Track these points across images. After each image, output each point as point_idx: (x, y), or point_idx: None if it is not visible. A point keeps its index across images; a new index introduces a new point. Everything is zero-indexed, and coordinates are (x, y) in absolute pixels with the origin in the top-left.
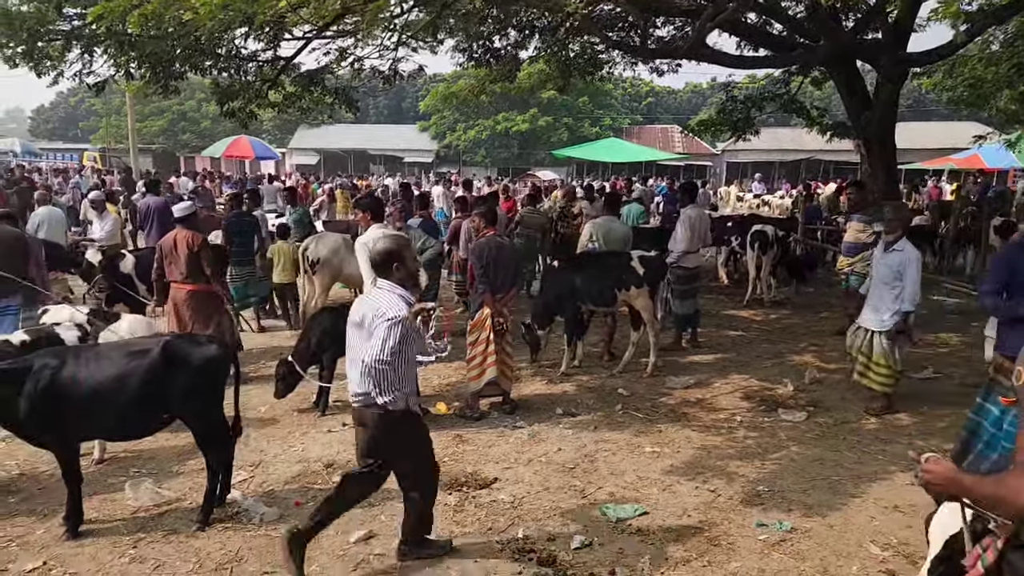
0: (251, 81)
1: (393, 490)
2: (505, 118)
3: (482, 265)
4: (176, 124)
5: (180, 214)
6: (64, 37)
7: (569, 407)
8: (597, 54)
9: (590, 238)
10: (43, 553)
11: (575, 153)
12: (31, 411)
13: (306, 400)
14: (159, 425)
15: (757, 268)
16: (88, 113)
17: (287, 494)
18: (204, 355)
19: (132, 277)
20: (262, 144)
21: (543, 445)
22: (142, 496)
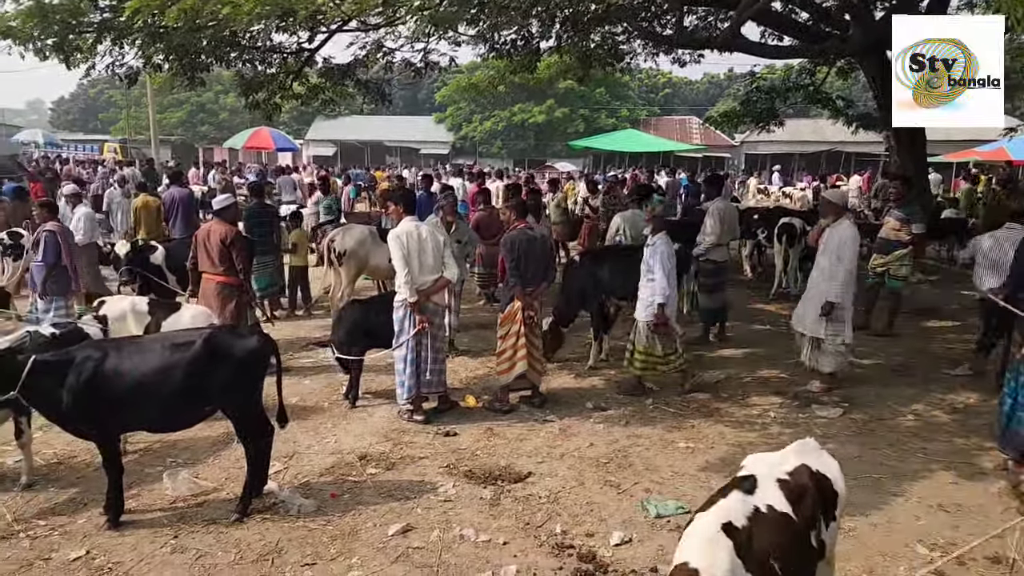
0: (275, 73)
1: (429, 483)
2: (522, 109)
3: (513, 258)
4: (195, 115)
5: (218, 206)
6: (95, 29)
7: (599, 401)
8: (618, 45)
9: (617, 231)
10: (85, 542)
11: (593, 144)
12: (74, 402)
13: (336, 392)
14: (200, 417)
15: (784, 261)
16: (108, 104)
17: (322, 486)
18: (246, 347)
19: (162, 268)
20: (282, 135)
21: (575, 440)
22: (180, 486)
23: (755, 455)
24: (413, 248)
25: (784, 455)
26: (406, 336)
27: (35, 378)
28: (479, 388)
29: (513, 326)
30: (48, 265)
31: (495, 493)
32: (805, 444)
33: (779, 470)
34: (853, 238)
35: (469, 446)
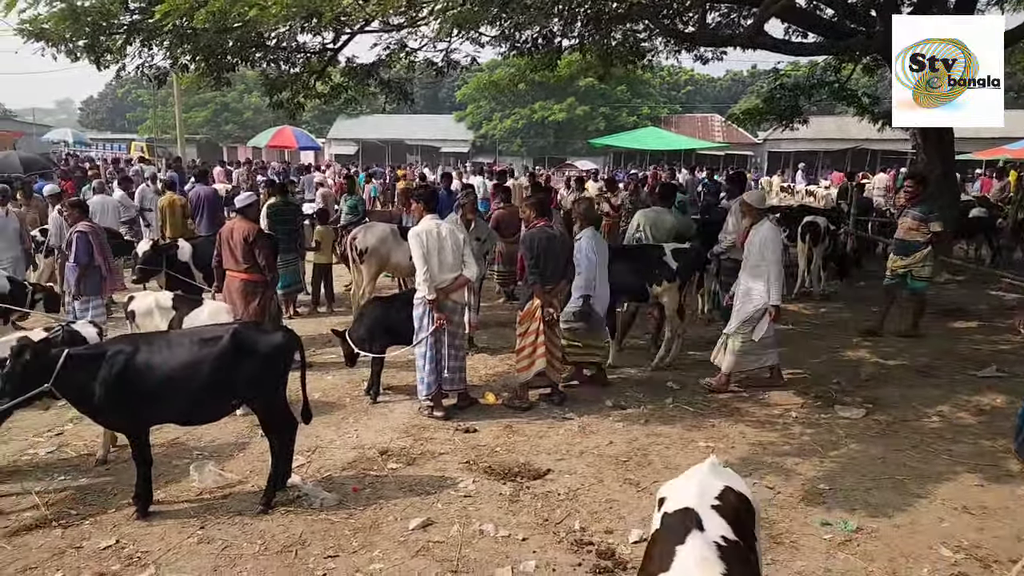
0: (299, 73)
1: (449, 479)
2: (542, 107)
3: (533, 256)
4: (219, 115)
5: (240, 204)
6: (125, 31)
7: (618, 400)
8: (639, 42)
9: (637, 228)
10: (115, 532)
11: (613, 142)
12: (105, 395)
13: (357, 388)
14: (227, 410)
15: (808, 261)
16: (135, 104)
17: (344, 480)
18: (271, 342)
19: (189, 265)
20: (305, 134)
21: (594, 437)
22: (206, 478)
23: (668, 483)
24: (433, 246)
25: (703, 479)
26: (425, 333)
27: (68, 371)
28: (499, 385)
29: (532, 324)
30: (81, 265)
31: (515, 489)
32: (714, 464)
33: (709, 497)
34: (774, 238)
35: (489, 443)
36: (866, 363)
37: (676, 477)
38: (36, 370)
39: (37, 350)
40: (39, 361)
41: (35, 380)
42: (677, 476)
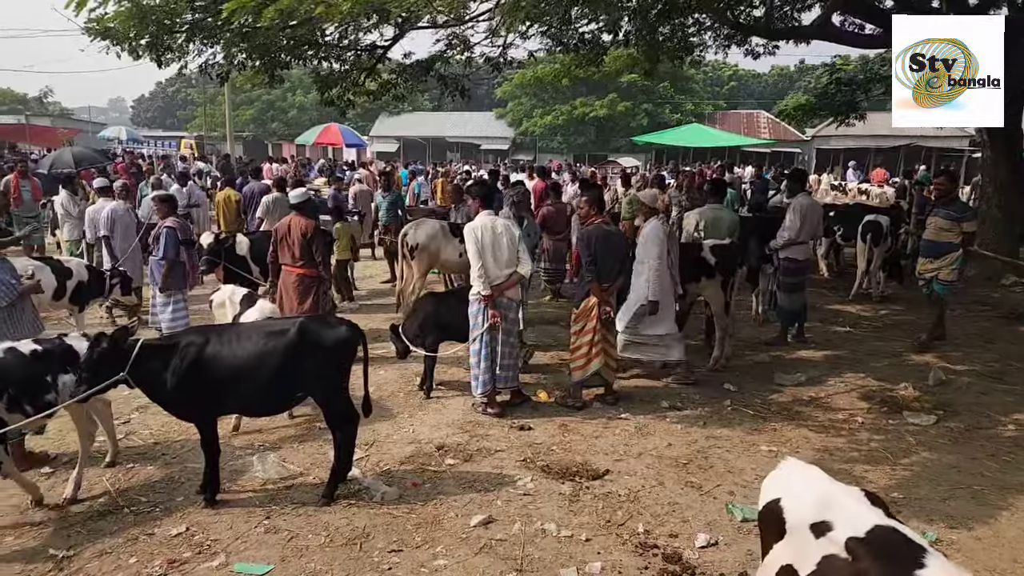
0: (349, 70)
1: (507, 476)
2: (583, 104)
3: (590, 253)
4: (265, 113)
5: (295, 201)
6: (187, 29)
7: (674, 401)
8: (688, 37)
9: (695, 227)
10: (184, 519)
11: (656, 139)
12: (177, 384)
13: (410, 383)
14: (292, 403)
15: (868, 261)
16: (184, 102)
17: (403, 474)
18: (336, 336)
19: (247, 259)
20: (351, 131)
21: (652, 439)
22: (269, 469)
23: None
24: (488, 242)
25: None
26: (480, 330)
27: (142, 361)
28: (549, 383)
29: (589, 323)
30: (169, 261)
31: (574, 489)
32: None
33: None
34: (653, 237)
35: (544, 441)
36: (933, 368)
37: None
38: (112, 360)
39: (114, 340)
40: (116, 351)
41: (111, 370)
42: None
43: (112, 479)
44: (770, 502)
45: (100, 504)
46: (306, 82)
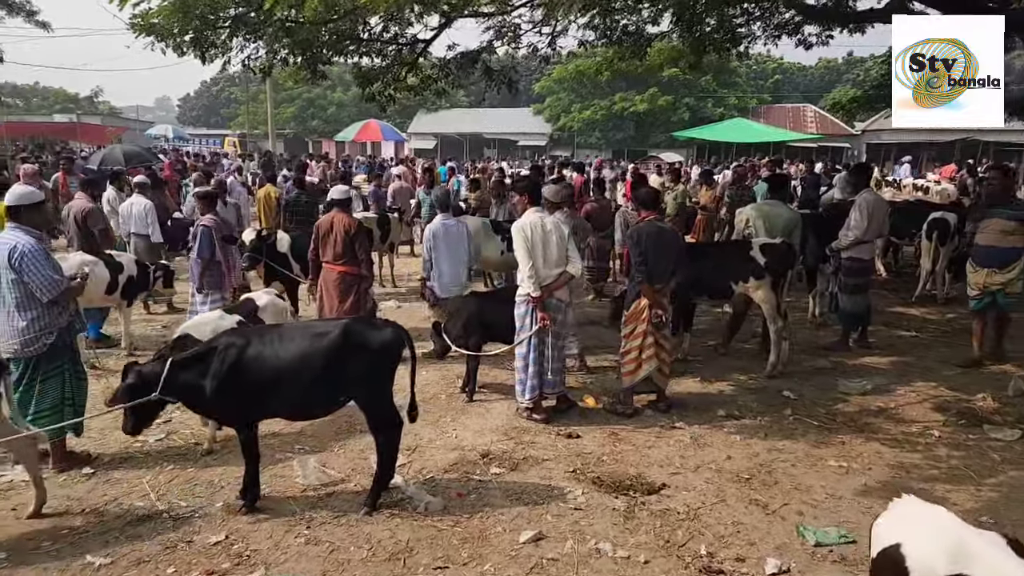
0: (390, 65)
1: (556, 488)
2: (622, 99)
3: (640, 252)
4: (305, 110)
5: (337, 197)
6: (230, 24)
7: (731, 409)
8: (735, 28)
9: (746, 224)
10: (223, 527)
11: (698, 134)
12: (217, 388)
13: (452, 385)
14: (335, 407)
15: (933, 261)
16: (228, 101)
17: (447, 483)
18: (382, 338)
19: (288, 256)
20: (390, 127)
21: (709, 451)
22: (310, 475)
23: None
24: (537, 240)
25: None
26: (527, 333)
27: (174, 378)
28: (596, 387)
29: (639, 325)
30: (204, 260)
31: (628, 504)
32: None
33: None
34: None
35: (594, 451)
36: (1013, 377)
37: (805, 496)
38: (142, 386)
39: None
40: (143, 379)
41: (143, 392)
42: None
43: (152, 480)
44: (888, 548)
45: (139, 508)
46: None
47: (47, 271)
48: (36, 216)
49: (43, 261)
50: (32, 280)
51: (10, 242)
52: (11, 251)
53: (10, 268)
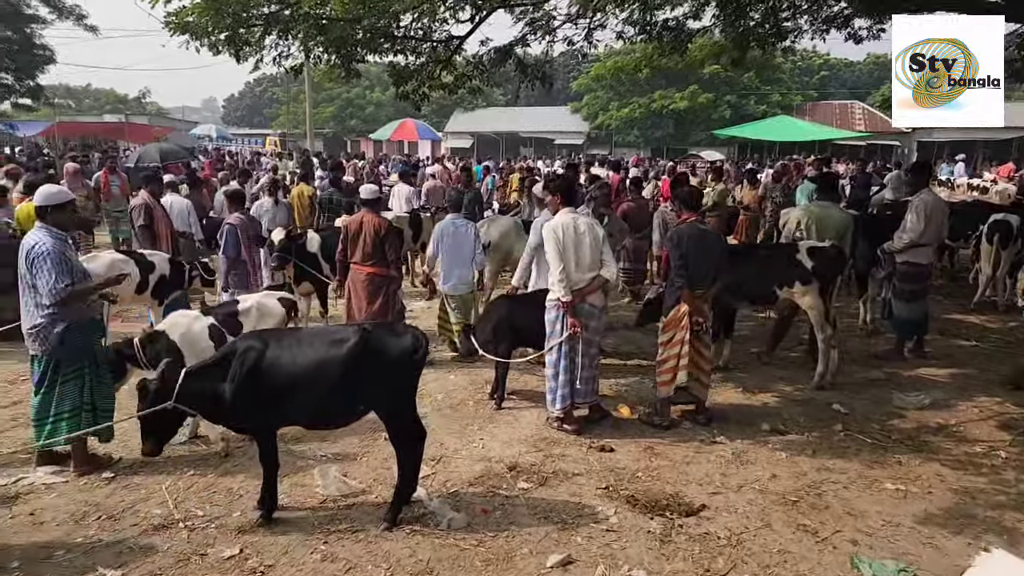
0: (424, 63)
1: (587, 507)
2: (662, 96)
3: (680, 255)
4: (344, 110)
5: (367, 197)
6: (263, 22)
7: (776, 423)
8: (781, 22)
9: (797, 226)
10: (239, 539)
11: (739, 132)
12: (235, 393)
13: (481, 390)
14: (354, 417)
15: (995, 266)
16: (270, 101)
17: (472, 497)
18: (401, 346)
19: (318, 256)
20: (426, 126)
21: (752, 468)
22: (330, 485)
23: None
24: (570, 242)
25: None
26: (557, 339)
27: (188, 387)
28: (631, 396)
29: (678, 332)
30: (229, 259)
31: (664, 527)
32: None
33: None
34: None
35: (628, 466)
36: None
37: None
38: (157, 397)
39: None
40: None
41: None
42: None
43: (171, 486)
44: None
45: (156, 516)
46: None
47: (50, 276)
48: (62, 216)
49: (52, 265)
50: (37, 283)
51: (30, 242)
52: (29, 251)
53: (26, 267)
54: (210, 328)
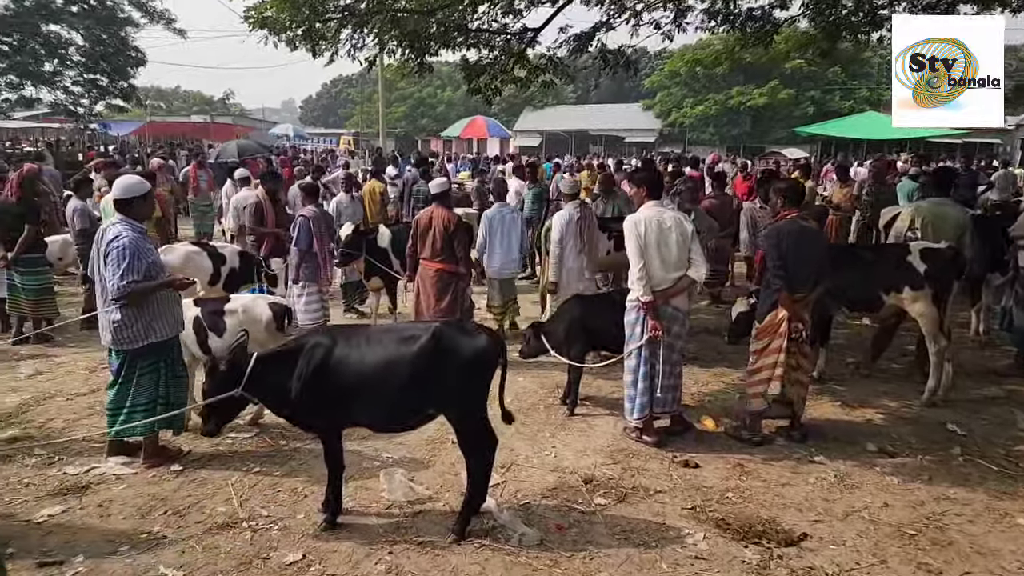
0: (497, 56)
1: (672, 529)
2: (740, 92)
3: (779, 254)
4: (415, 109)
5: (436, 191)
6: (339, 16)
7: (883, 443)
8: (877, 9)
9: (910, 225)
10: (302, 544)
11: (822, 130)
12: (302, 390)
13: (552, 394)
14: (423, 419)
15: None
16: (345, 102)
17: (545, 511)
18: (474, 347)
19: (388, 251)
20: (496, 123)
21: (859, 494)
22: (396, 490)
23: None
24: (652, 238)
25: None
26: (637, 343)
27: (259, 375)
28: (715, 407)
29: (774, 340)
30: (300, 251)
31: (762, 557)
32: None
33: None
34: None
35: (716, 484)
36: None
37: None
38: (227, 381)
39: (227, 363)
40: (229, 373)
41: (226, 388)
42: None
43: (237, 483)
44: None
45: (220, 514)
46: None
47: (117, 270)
48: (143, 208)
49: (126, 260)
50: (105, 274)
51: (110, 234)
52: (109, 242)
53: (101, 258)
54: (194, 320)
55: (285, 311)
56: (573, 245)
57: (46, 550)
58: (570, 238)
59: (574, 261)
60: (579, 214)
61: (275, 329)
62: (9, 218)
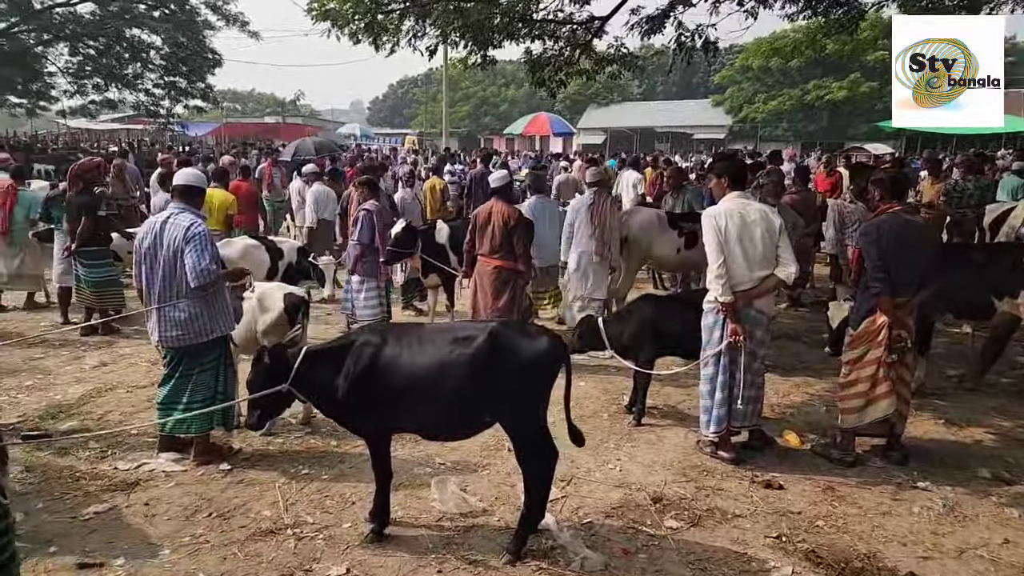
0: (562, 47)
1: (755, 560)
2: (817, 86)
3: (879, 253)
4: (479, 108)
5: (496, 184)
6: (401, 6)
7: (998, 468)
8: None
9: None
10: (347, 556)
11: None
12: (349, 391)
13: (616, 402)
14: (477, 427)
15: None
16: (410, 102)
17: (609, 532)
18: (534, 349)
19: (446, 247)
20: (559, 120)
21: (974, 529)
22: (448, 500)
23: None
24: (733, 233)
25: None
26: (714, 349)
27: (307, 370)
28: (798, 421)
29: (872, 350)
30: (363, 245)
31: None
32: None
33: None
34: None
35: (804, 510)
36: None
37: None
38: (274, 373)
39: (273, 354)
40: (277, 365)
41: (274, 382)
42: None
43: (284, 486)
44: None
45: (265, 519)
46: (519, 77)
47: (203, 255)
48: (201, 199)
49: (208, 246)
50: (188, 260)
51: (184, 221)
52: (187, 228)
53: (175, 247)
54: None
55: (300, 302)
56: (585, 229)
57: (88, 550)
58: (582, 222)
59: (586, 244)
60: (592, 200)
61: (286, 321)
62: (73, 210)
